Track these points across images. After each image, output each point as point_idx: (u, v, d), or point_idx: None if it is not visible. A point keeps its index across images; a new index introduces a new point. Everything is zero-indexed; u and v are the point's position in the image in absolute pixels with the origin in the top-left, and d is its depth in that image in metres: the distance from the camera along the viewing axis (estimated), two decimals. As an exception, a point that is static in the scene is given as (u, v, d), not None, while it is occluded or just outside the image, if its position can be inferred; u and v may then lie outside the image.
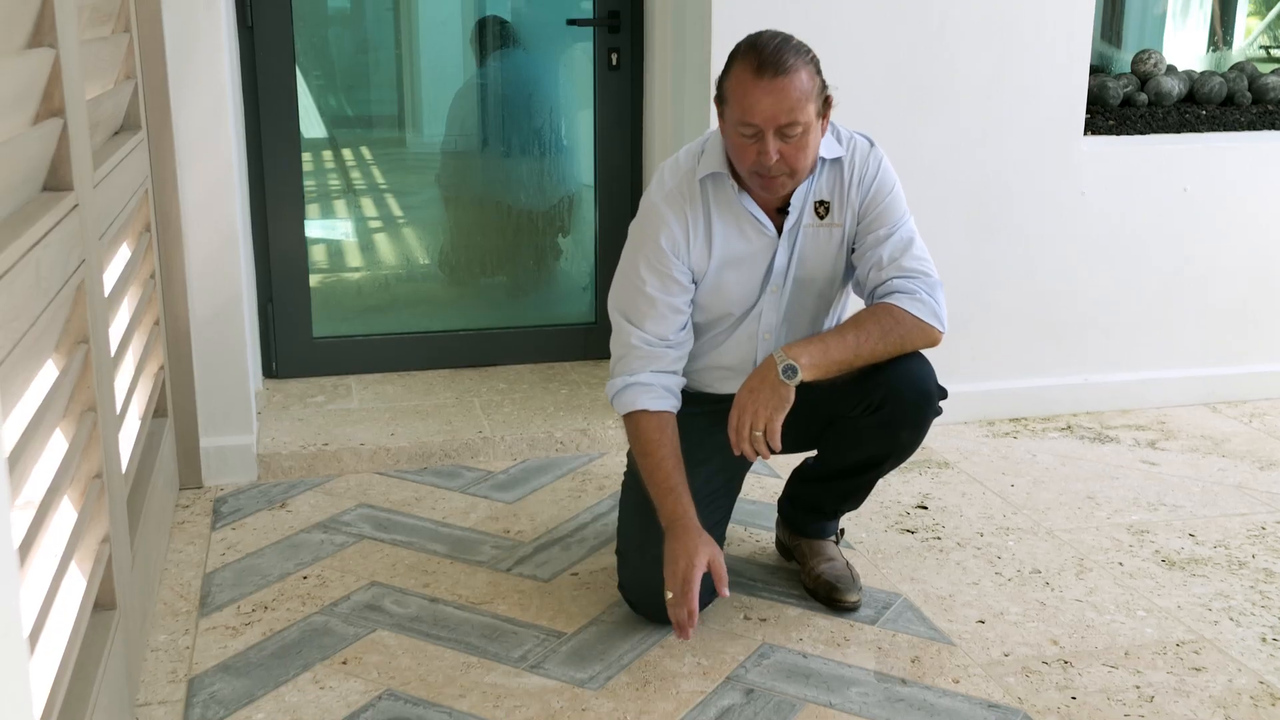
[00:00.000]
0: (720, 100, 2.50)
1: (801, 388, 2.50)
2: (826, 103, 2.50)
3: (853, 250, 2.68)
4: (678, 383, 2.66)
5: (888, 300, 2.58)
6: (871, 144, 2.66)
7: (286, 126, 3.97)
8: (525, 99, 4.38)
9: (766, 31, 2.49)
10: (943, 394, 2.65)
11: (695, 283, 2.65)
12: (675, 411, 2.63)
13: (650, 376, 2.61)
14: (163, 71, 3.19)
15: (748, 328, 2.71)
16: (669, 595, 2.47)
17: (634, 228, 2.67)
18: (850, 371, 2.56)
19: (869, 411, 2.62)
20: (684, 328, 2.66)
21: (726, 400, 2.75)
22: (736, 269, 2.64)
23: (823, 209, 2.63)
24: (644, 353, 2.62)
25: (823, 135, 2.54)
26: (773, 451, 2.52)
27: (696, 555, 2.45)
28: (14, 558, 0.93)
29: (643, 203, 2.67)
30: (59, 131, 2.00)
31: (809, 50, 2.47)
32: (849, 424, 2.66)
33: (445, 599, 2.82)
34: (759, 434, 2.51)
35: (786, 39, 2.45)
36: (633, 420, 2.61)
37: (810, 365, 2.49)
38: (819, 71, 2.47)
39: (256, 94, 3.92)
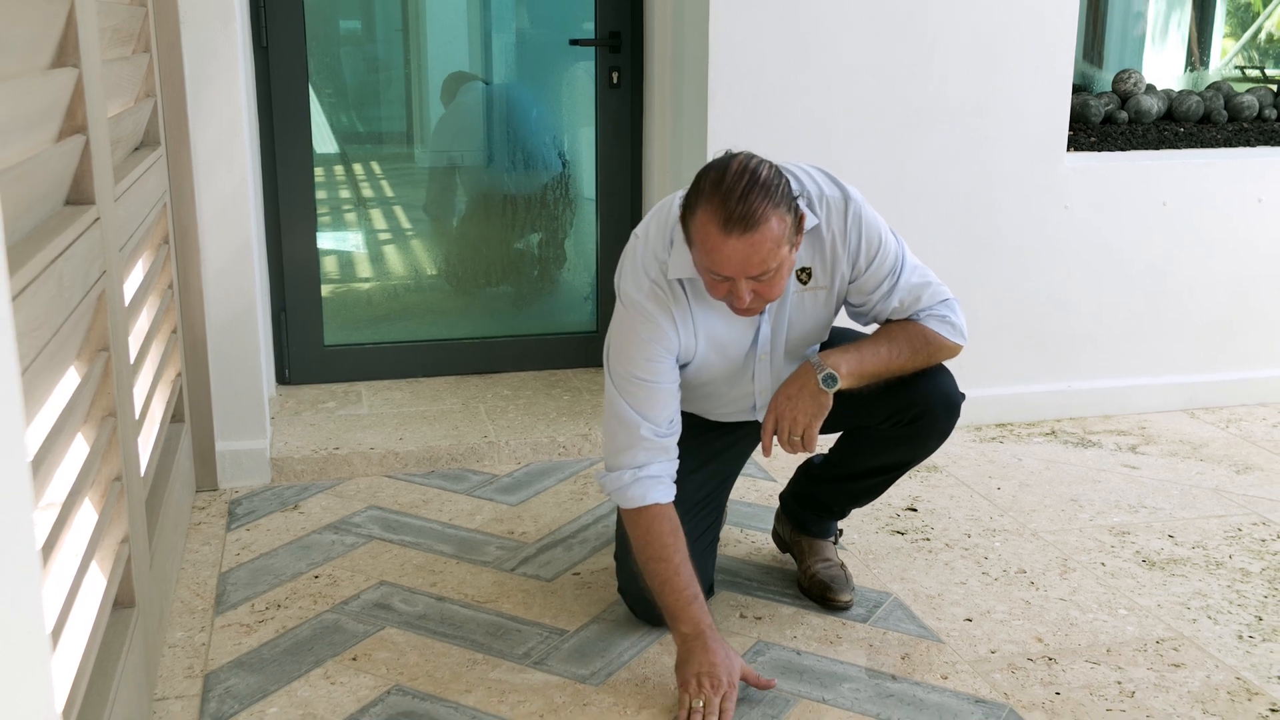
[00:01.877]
0: (686, 235, 2.33)
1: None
2: (800, 223, 2.33)
3: (850, 303, 2.63)
4: (676, 469, 2.54)
5: (918, 321, 2.57)
6: (845, 198, 2.50)
7: (300, 142, 4.01)
8: (529, 116, 4.43)
9: (734, 165, 2.26)
10: (963, 397, 2.68)
11: (684, 364, 2.57)
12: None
13: (659, 468, 2.48)
14: (181, 90, 3.22)
15: (742, 387, 2.66)
16: (698, 703, 2.35)
17: (620, 325, 2.50)
18: (876, 383, 2.56)
19: (901, 424, 2.64)
20: (679, 409, 2.55)
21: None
22: (721, 351, 2.56)
23: (805, 275, 2.53)
24: (653, 445, 2.48)
25: (797, 251, 2.37)
26: (808, 452, 2.54)
27: (736, 671, 2.39)
28: (37, 557, 0.91)
29: (622, 297, 2.50)
30: (81, 148, 2.03)
31: (778, 182, 2.27)
32: (876, 433, 2.68)
33: (452, 598, 2.84)
34: (797, 439, 2.49)
35: (755, 175, 2.23)
36: (645, 518, 2.46)
37: (848, 374, 2.47)
38: (790, 205, 2.28)
39: (271, 111, 3.96)
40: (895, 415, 2.63)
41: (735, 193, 2.21)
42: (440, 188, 4.52)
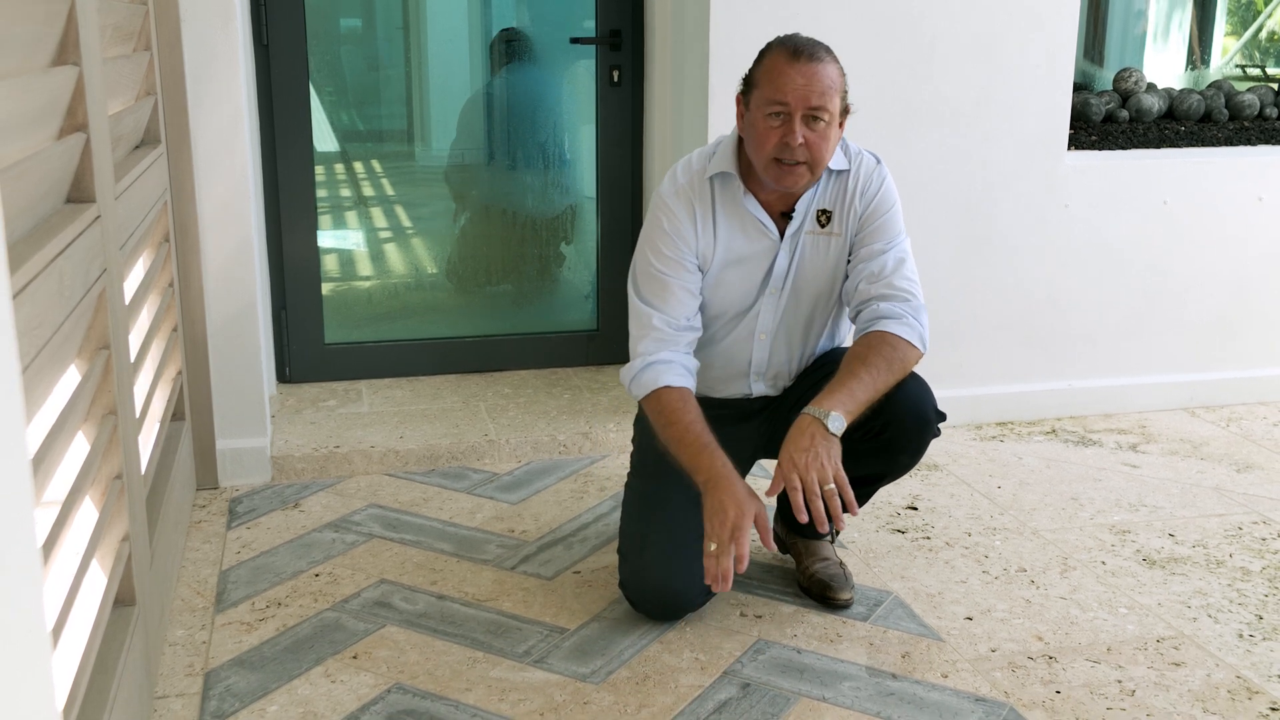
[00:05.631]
0: (748, 86, 2.57)
1: (796, 408, 2.52)
2: (845, 110, 2.56)
3: (848, 260, 2.73)
4: (694, 365, 2.66)
5: (878, 328, 2.57)
6: (878, 161, 2.71)
7: (300, 141, 4.02)
8: (530, 114, 4.43)
9: (799, 33, 2.58)
10: (941, 417, 2.68)
11: (701, 271, 2.68)
12: (693, 390, 2.61)
13: (669, 354, 2.61)
14: (182, 88, 3.22)
15: (746, 326, 2.74)
16: (711, 546, 2.41)
17: (647, 219, 2.72)
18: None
19: (869, 436, 2.64)
20: (697, 314, 2.68)
21: (724, 405, 2.81)
22: (738, 267, 2.68)
23: (824, 217, 2.67)
24: (663, 334, 2.63)
25: (841, 130, 2.58)
26: (847, 512, 2.44)
27: (746, 505, 2.41)
28: (37, 556, 0.90)
29: (654, 197, 2.72)
30: (82, 146, 2.03)
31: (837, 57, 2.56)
32: (849, 446, 2.64)
33: (452, 596, 2.85)
34: (831, 487, 2.39)
35: (817, 40, 2.54)
36: (655, 396, 2.58)
37: (847, 413, 2.46)
38: (841, 71, 2.55)
39: (272, 109, 3.97)
40: (864, 425, 2.61)
41: (803, 38, 2.54)
42: (465, 175, 4.52)
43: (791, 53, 2.49)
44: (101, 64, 2.23)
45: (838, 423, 2.45)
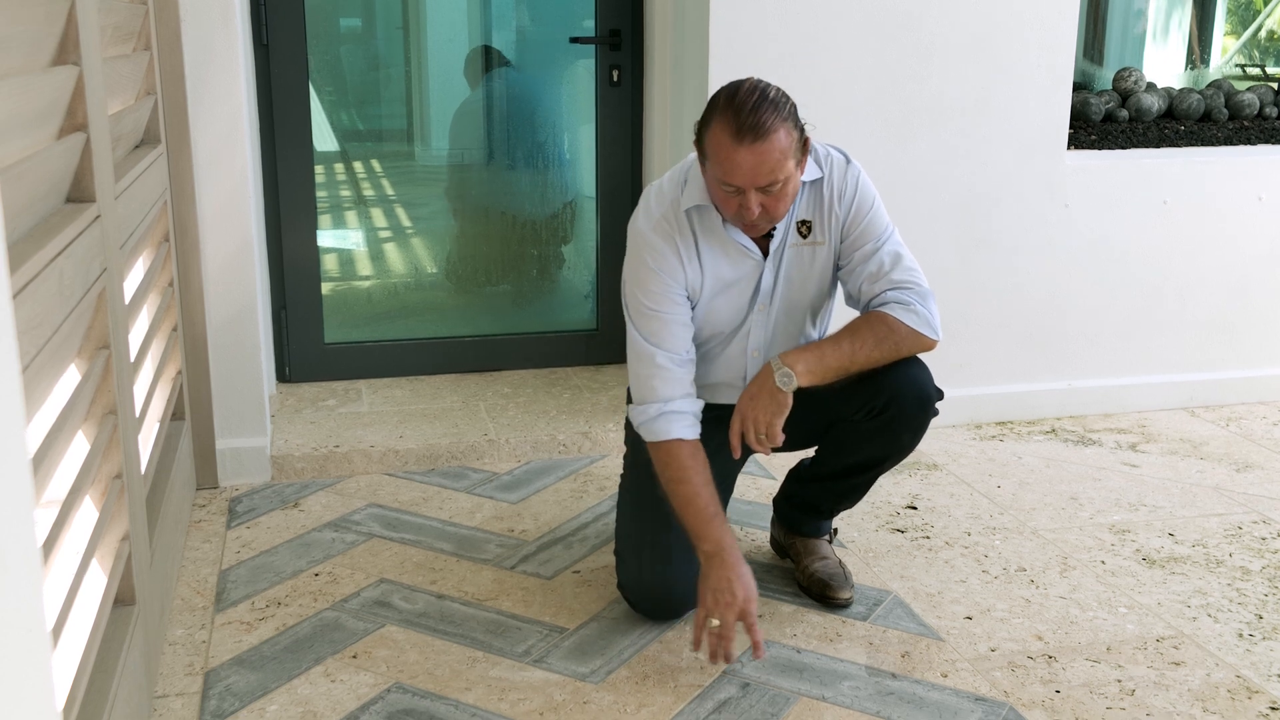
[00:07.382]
0: (700, 152, 2.49)
1: (804, 389, 2.55)
2: (804, 145, 2.49)
3: (839, 268, 2.71)
4: (700, 408, 2.64)
5: (882, 310, 2.61)
6: (848, 161, 2.67)
7: (300, 140, 4.02)
8: (529, 114, 4.42)
9: (745, 84, 2.44)
10: (939, 395, 2.69)
11: (691, 302, 2.66)
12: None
13: (683, 403, 2.58)
14: (182, 88, 3.22)
15: (737, 344, 2.73)
16: (714, 623, 2.45)
17: (630, 258, 2.65)
18: (847, 376, 2.60)
19: (871, 415, 2.66)
20: (693, 344, 2.67)
21: (720, 408, 2.80)
22: (725, 293, 2.66)
23: (805, 228, 2.64)
24: (672, 374, 2.59)
25: (802, 173, 2.53)
26: (774, 448, 2.58)
27: (752, 590, 2.47)
28: (37, 555, 0.92)
29: (631, 231, 2.65)
30: (82, 145, 2.03)
31: (786, 101, 2.44)
32: (850, 426, 2.70)
33: (452, 595, 2.85)
34: (761, 437, 2.56)
35: (764, 93, 2.41)
36: (666, 448, 2.57)
37: (806, 372, 2.53)
38: (797, 123, 2.44)
39: (271, 109, 3.97)
40: (866, 404, 2.66)
41: (747, 106, 2.39)
42: (463, 176, 4.51)
43: (734, 133, 2.37)
44: (101, 64, 2.23)
45: (787, 379, 2.53)
